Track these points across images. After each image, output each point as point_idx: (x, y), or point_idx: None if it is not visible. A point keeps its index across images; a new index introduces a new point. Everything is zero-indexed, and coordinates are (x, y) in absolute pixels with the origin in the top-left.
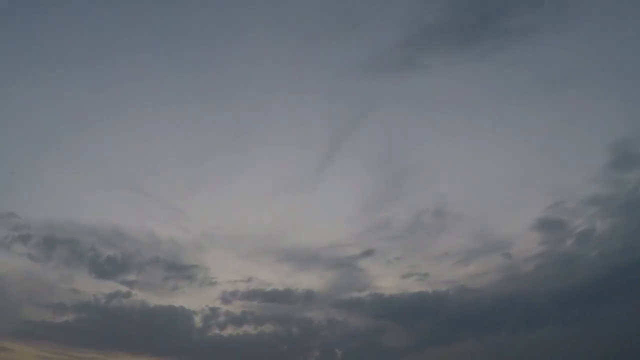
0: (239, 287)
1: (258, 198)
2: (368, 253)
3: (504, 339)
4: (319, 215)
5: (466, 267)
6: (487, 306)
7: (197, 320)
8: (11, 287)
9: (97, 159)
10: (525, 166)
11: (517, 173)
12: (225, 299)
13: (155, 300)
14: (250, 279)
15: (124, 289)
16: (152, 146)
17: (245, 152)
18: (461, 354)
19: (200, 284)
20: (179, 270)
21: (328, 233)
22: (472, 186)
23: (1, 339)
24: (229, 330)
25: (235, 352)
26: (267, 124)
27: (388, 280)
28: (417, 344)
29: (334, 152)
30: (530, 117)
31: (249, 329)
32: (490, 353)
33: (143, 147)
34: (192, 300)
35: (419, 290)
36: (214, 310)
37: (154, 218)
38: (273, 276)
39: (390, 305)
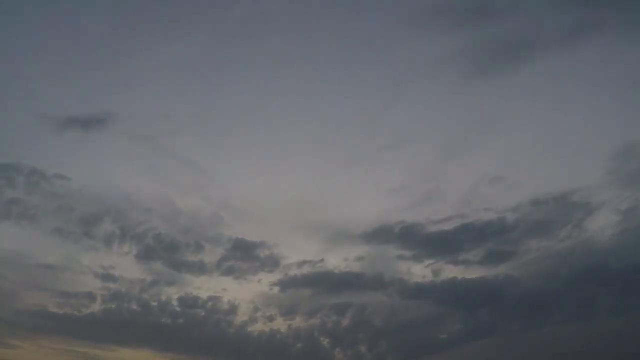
0: (303, 271)
1: (299, 161)
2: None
3: (553, 330)
4: (370, 186)
5: (533, 244)
6: (547, 292)
7: (243, 311)
8: (30, 273)
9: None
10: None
11: (580, 130)
12: (284, 284)
13: (198, 283)
14: (321, 260)
15: (169, 272)
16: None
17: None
18: (501, 347)
19: (261, 266)
20: (240, 250)
21: (387, 206)
22: (533, 146)
23: (10, 335)
24: (274, 325)
25: (274, 348)
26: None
27: (464, 262)
28: (464, 336)
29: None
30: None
31: (299, 321)
32: (532, 346)
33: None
34: (245, 286)
35: (495, 273)
36: (265, 299)
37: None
38: (337, 258)
39: (459, 290)
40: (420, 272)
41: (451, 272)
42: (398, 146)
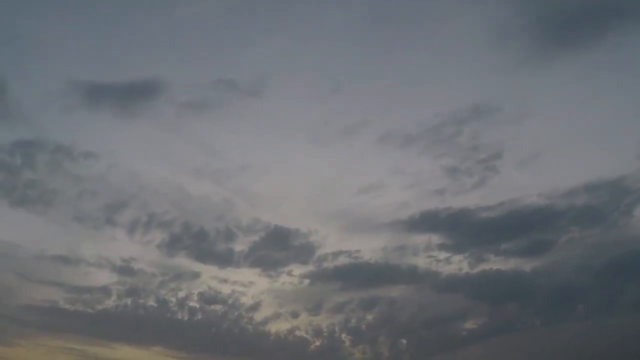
0: (337, 262)
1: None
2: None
3: (576, 326)
4: (418, 167)
5: (577, 233)
6: (577, 285)
7: (267, 306)
8: (41, 264)
9: None
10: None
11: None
12: (315, 276)
13: (223, 275)
14: (358, 250)
15: (193, 264)
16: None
17: None
18: (520, 344)
19: (295, 256)
20: (274, 238)
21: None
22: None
23: (11, 333)
24: (296, 321)
25: (291, 346)
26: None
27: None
28: (487, 332)
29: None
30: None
31: (324, 317)
32: (552, 343)
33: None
34: (273, 278)
35: (532, 264)
36: (292, 293)
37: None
38: (375, 247)
39: (490, 283)
40: (457, 263)
41: (491, 262)
42: (452, 123)
